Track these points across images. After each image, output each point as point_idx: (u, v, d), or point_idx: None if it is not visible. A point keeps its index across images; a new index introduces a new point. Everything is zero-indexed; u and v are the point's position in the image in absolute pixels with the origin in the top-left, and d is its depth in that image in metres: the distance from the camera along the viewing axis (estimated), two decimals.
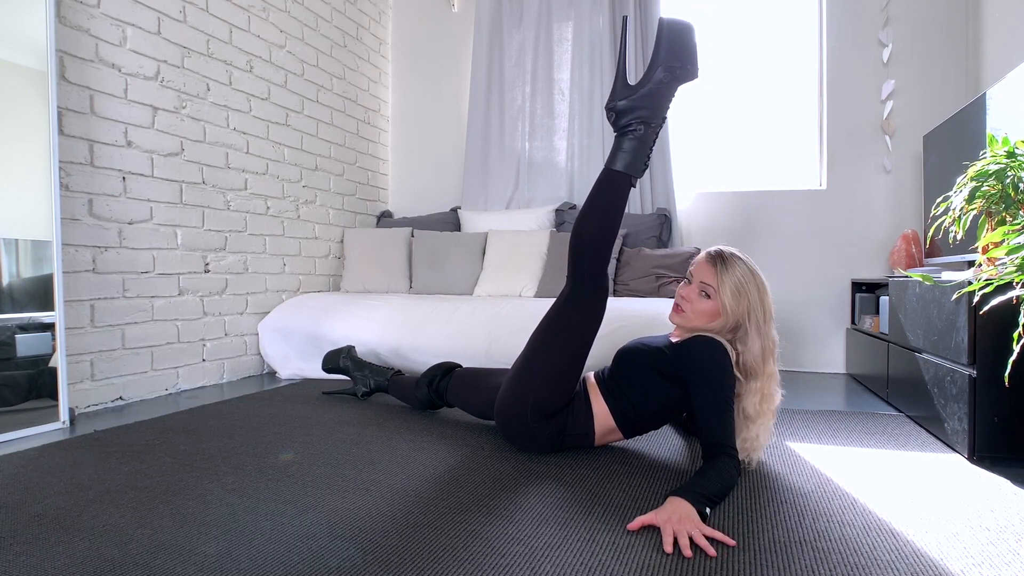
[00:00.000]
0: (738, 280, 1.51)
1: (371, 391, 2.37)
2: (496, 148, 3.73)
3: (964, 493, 1.39)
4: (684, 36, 1.53)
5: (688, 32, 1.54)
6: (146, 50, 2.42)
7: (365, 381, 2.37)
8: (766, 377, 1.52)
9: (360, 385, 2.38)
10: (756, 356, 1.51)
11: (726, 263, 1.53)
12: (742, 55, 3.47)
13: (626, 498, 1.35)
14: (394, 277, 3.44)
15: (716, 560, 1.05)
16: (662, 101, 1.54)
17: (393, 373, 2.34)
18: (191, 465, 1.57)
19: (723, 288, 1.51)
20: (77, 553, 1.08)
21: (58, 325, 2.04)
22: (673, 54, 1.52)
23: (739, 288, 1.51)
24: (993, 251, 1.43)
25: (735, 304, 1.50)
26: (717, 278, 1.52)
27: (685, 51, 1.53)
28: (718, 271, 1.52)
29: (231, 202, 2.83)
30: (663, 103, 1.55)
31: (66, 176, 2.14)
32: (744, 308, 1.51)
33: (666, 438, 1.85)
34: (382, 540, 1.13)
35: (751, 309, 1.51)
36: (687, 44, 1.53)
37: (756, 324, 1.51)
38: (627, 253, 3.17)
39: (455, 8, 3.97)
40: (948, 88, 3.09)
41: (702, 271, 1.55)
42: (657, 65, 1.52)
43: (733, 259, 1.54)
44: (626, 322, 2.44)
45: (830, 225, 3.27)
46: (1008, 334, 1.54)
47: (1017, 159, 1.49)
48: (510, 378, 1.67)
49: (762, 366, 1.51)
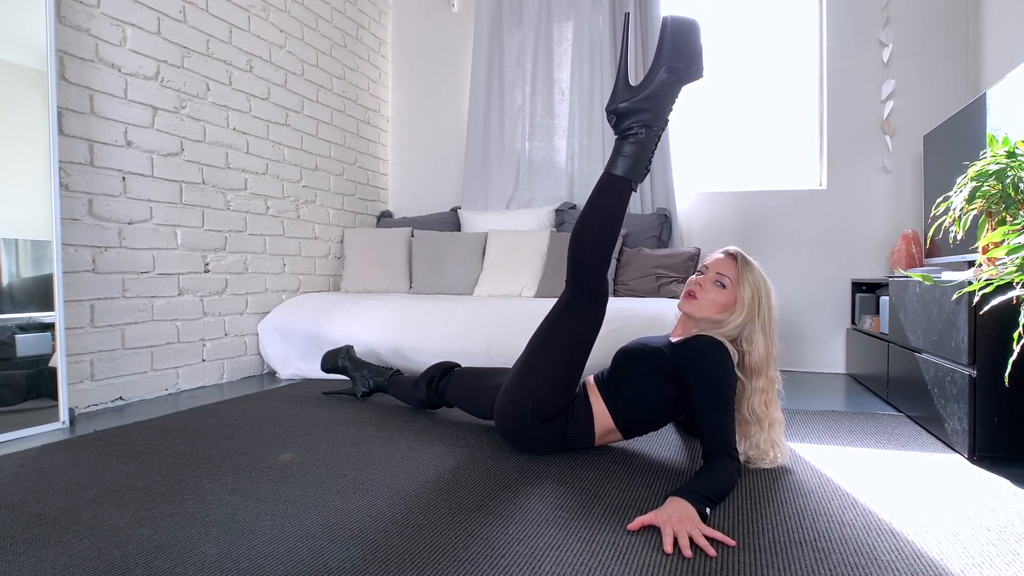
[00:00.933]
0: (756, 277, 1.56)
1: (370, 391, 2.37)
2: (496, 148, 3.73)
3: (964, 493, 1.39)
4: (689, 35, 1.50)
5: (694, 31, 1.50)
6: (146, 50, 2.42)
7: (364, 381, 2.37)
8: (769, 381, 1.53)
9: (359, 385, 2.38)
10: (761, 356, 1.51)
11: (746, 260, 1.58)
12: (742, 55, 3.47)
13: (626, 498, 1.35)
14: (394, 277, 3.44)
15: (716, 560, 1.05)
16: (665, 103, 1.52)
17: (392, 373, 2.34)
18: (191, 465, 1.57)
19: (743, 281, 1.54)
20: (77, 553, 1.08)
21: (58, 325, 2.04)
22: (677, 54, 1.49)
23: (756, 285, 1.55)
24: (993, 251, 1.43)
25: (750, 299, 1.53)
26: (737, 271, 1.56)
27: (690, 51, 1.50)
28: (739, 265, 1.56)
29: (231, 202, 2.83)
30: (666, 105, 1.52)
31: (66, 176, 2.14)
32: (756, 305, 1.53)
33: (665, 438, 1.85)
34: (382, 540, 1.13)
35: (761, 308, 1.53)
36: (692, 43, 1.50)
37: (763, 324, 1.53)
38: (627, 253, 3.17)
39: (455, 8, 3.97)
40: (948, 88, 3.09)
41: (720, 264, 1.58)
42: (660, 65, 1.50)
43: (751, 260, 1.59)
44: (626, 322, 2.44)
45: (830, 225, 3.27)
46: (1008, 334, 1.54)
47: (1017, 159, 1.49)
48: (509, 381, 1.66)
49: (766, 368, 1.52)
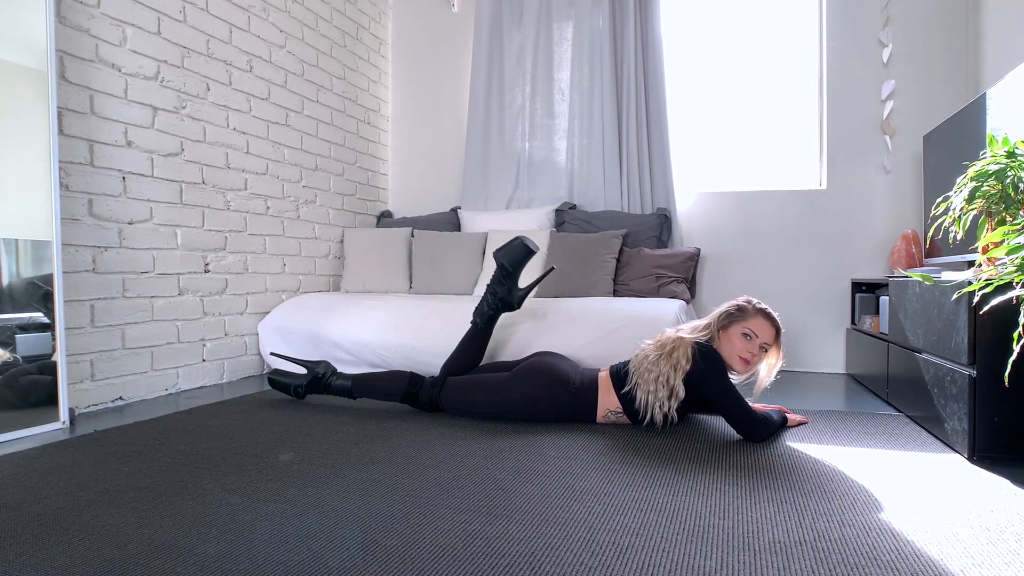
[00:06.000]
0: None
1: (314, 386, 2.27)
2: (496, 148, 3.73)
3: (964, 493, 1.40)
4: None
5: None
6: (146, 50, 2.42)
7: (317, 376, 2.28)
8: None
9: (311, 375, 2.28)
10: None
11: (777, 321, 1.93)
12: (742, 55, 3.47)
13: (626, 498, 1.35)
14: (394, 277, 3.44)
15: (716, 560, 1.05)
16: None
17: (353, 379, 2.26)
18: (191, 465, 1.57)
19: (779, 343, 1.92)
20: (77, 553, 1.08)
21: (58, 325, 2.04)
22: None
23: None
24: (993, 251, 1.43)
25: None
26: (774, 334, 1.90)
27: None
28: (777, 332, 1.90)
29: (231, 202, 2.83)
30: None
31: (66, 176, 2.14)
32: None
33: (666, 439, 1.85)
34: (382, 540, 1.13)
35: None
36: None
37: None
38: (627, 253, 3.17)
39: (455, 8, 3.97)
40: (948, 88, 3.09)
41: (764, 331, 1.89)
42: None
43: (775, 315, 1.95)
44: (625, 323, 2.44)
45: (830, 225, 3.27)
46: (1008, 334, 1.54)
47: (1017, 159, 1.49)
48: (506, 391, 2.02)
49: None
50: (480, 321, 2.24)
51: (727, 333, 1.90)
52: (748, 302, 1.93)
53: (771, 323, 1.89)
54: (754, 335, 1.87)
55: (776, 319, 1.91)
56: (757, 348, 1.87)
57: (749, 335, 1.87)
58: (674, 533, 1.16)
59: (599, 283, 3.04)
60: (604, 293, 3.03)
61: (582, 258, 3.08)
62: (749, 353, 1.86)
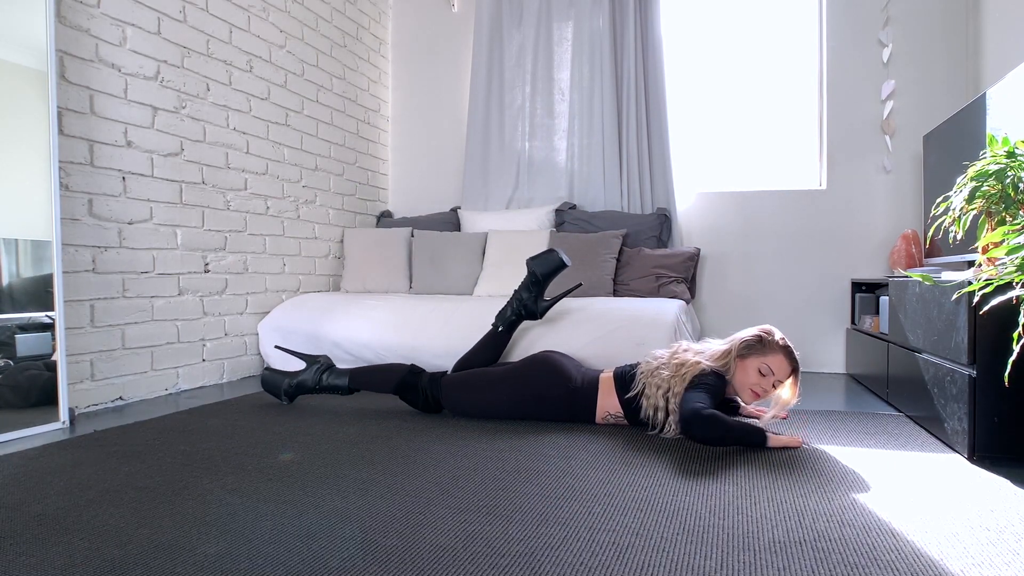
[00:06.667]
0: None
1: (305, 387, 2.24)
2: (496, 148, 3.73)
3: (964, 493, 1.40)
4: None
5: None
6: (146, 50, 2.42)
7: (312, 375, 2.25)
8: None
9: (304, 375, 2.25)
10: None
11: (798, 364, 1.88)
12: (742, 55, 3.47)
13: (626, 498, 1.35)
14: (394, 277, 3.44)
15: (716, 560, 1.05)
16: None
17: (349, 378, 2.22)
18: (191, 465, 1.57)
19: (797, 378, 1.86)
20: (77, 553, 1.08)
21: (58, 325, 2.04)
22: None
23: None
24: (993, 251, 1.43)
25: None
26: (789, 370, 1.85)
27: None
28: (798, 375, 1.86)
29: (231, 202, 2.83)
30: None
31: (66, 176, 2.14)
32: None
33: (666, 439, 1.85)
34: (382, 540, 1.13)
35: None
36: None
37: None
38: (627, 253, 3.17)
39: (455, 8, 3.97)
40: (948, 88, 3.09)
41: (781, 368, 1.84)
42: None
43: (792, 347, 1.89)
44: (625, 323, 2.44)
45: (830, 225, 3.27)
46: (1008, 334, 1.54)
47: (1017, 159, 1.49)
48: (505, 385, 2.03)
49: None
50: (501, 325, 2.26)
51: (744, 363, 1.85)
52: (770, 334, 1.87)
53: (790, 361, 1.85)
54: (771, 372, 1.83)
55: (796, 357, 1.86)
56: (770, 384, 1.84)
57: (766, 371, 1.83)
58: (674, 533, 1.16)
59: (599, 283, 3.04)
60: (604, 293, 3.03)
61: (582, 258, 3.08)
62: (761, 388, 1.84)
